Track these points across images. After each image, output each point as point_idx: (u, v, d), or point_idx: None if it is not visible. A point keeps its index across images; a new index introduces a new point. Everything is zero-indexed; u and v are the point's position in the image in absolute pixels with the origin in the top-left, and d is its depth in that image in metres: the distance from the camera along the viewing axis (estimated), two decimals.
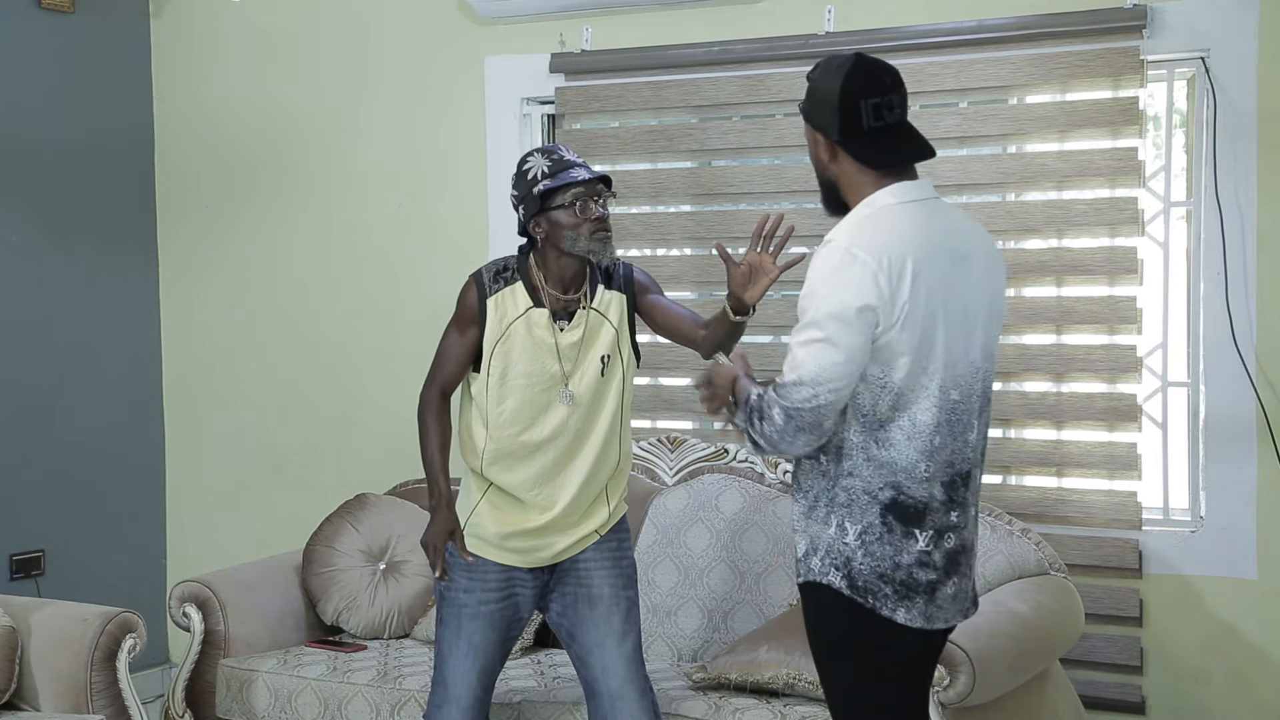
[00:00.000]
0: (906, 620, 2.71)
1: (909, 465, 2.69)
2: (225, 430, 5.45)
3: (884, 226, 2.69)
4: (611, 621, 3.48)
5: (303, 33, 5.26)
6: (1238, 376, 4.12)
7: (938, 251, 2.71)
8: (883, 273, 2.63)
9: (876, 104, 2.73)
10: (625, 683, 3.45)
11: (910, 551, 2.71)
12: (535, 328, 3.39)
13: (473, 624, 3.46)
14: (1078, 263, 4.27)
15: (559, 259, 3.38)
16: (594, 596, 3.48)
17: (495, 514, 3.46)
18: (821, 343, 2.63)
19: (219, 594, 4.26)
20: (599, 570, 3.50)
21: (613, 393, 3.45)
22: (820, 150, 2.80)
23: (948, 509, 2.75)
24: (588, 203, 3.34)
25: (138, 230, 5.46)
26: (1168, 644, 4.23)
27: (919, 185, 2.78)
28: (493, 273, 3.44)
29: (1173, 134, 4.30)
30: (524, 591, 3.51)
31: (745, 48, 4.59)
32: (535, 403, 3.40)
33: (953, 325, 2.71)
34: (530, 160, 3.40)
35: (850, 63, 2.76)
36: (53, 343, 5.15)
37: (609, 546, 3.53)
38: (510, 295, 3.41)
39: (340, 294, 5.23)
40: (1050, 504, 4.32)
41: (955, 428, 2.73)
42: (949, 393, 2.71)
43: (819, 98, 2.77)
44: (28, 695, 3.79)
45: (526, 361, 3.39)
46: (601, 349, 3.43)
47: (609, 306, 3.45)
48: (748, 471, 4.40)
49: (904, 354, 2.66)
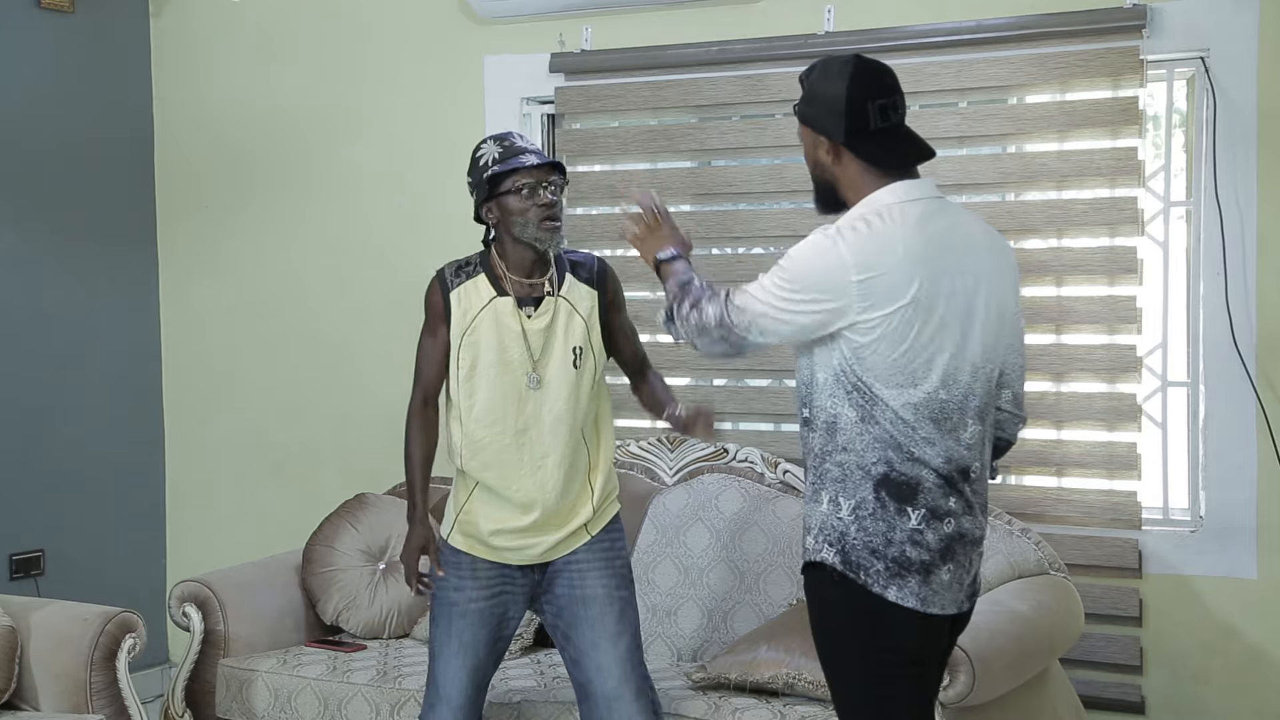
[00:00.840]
0: (898, 599, 2.71)
1: (898, 444, 2.71)
2: (225, 430, 5.45)
3: (883, 224, 2.70)
4: (605, 622, 3.47)
5: (303, 33, 5.26)
6: (1238, 376, 4.12)
7: (935, 250, 2.72)
8: (880, 264, 2.65)
9: (883, 105, 2.75)
10: (620, 683, 3.44)
11: (902, 529, 2.71)
12: (501, 315, 3.41)
13: (463, 622, 3.46)
14: (1077, 262, 4.27)
15: (515, 245, 3.41)
16: (587, 597, 3.48)
17: (483, 511, 3.46)
18: (782, 299, 2.74)
19: (219, 594, 4.26)
20: (592, 571, 3.49)
21: (585, 384, 3.46)
22: (821, 152, 2.81)
23: (945, 494, 2.74)
24: (536, 189, 3.36)
25: (138, 230, 5.46)
26: (1167, 644, 4.23)
27: (921, 184, 2.79)
28: (454, 269, 3.47)
29: (1172, 134, 4.31)
30: (515, 590, 3.51)
31: (744, 47, 4.59)
32: (506, 393, 3.41)
33: (947, 324, 2.72)
34: (483, 147, 3.44)
35: (853, 65, 2.76)
36: (53, 343, 5.16)
37: (601, 546, 3.52)
38: (474, 287, 3.43)
39: (340, 294, 5.23)
40: (1050, 504, 4.32)
41: (943, 425, 2.73)
42: (938, 391, 2.72)
43: (821, 101, 2.77)
44: (28, 695, 3.79)
45: (494, 349, 3.40)
46: (573, 340, 3.44)
47: (579, 298, 3.47)
48: (748, 471, 4.41)
49: (892, 345, 2.68)
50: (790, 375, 4.62)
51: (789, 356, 4.54)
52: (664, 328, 2.99)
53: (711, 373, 4.74)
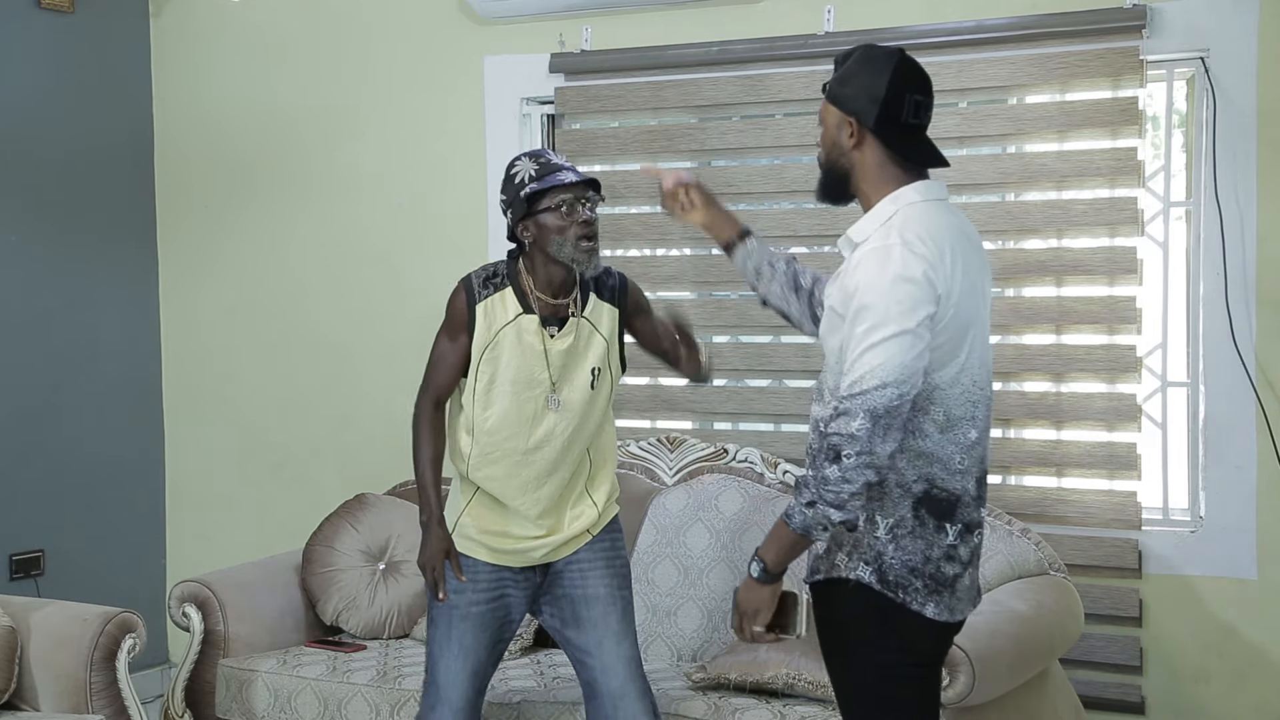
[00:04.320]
0: (935, 614, 2.70)
1: (945, 457, 2.68)
2: (225, 430, 5.45)
3: (924, 220, 2.68)
4: (609, 621, 3.47)
5: (302, 33, 5.26)
6: (1238, 376, 4.12)
7: (967, 248, 2.72)
8: (940, 262, 2.62)
9: (919, 101, 2.74)
10: (626, 682, 3.45)
11: (940, 545, 2.70)
12: (525, 334, 3.37)
13: (463, 625, 3.45)
14: (1077, 263, 4.27)
15: (547, 264, 3.36)
16: (590, 597, 3.48)
17: (484, 515, 3.46)
18: (895, 338, 2.57)
19: (219, 594, 4.26)
20: (593, 571, 3.50)
21: (600, 403, 3.45)
22: (844, 135, 2.75)
23: (977, 504, 2.75)
24: (575, 206, 3.31)
25: (138, 230, 5.46)
26: (1167, 644, 4.24)
27: (939, 185, 2.79)
28: (482, 278, 3.42)
29: (1172, 134, 4.30)
30: (515, 593, 3.50)
31: (745, 48, 4.58)
32: (522, 410, 3.39)
33: (980, 321, 2.73)
34: (518, 164, 3.39)
35: (899, 56, 2.74)
36: (53, 343, 5.16)
37: (602, 547, 3.52)
38: (500, 301, 3.39)
39: (340, 294, 5.23)
40: (1050, 504, 4.32)
41: (983, 423, 2.73)
42: (983, 388, 2.72)
43: (860, 82, 2.73)
44: (27, 695, 3.79)
45: (514, 368, 3.37)
46: (593, 361, 3.42)
47: (601, 317, 3.44)
48: (747, 471, 4.41)
49: (945, 345, 2.65)
50: (790, 375, 4.63)
51: (789, 356, 4.59)
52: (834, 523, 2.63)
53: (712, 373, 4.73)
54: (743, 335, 4.70)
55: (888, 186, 2.73)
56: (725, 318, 4.68)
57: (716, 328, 4.71)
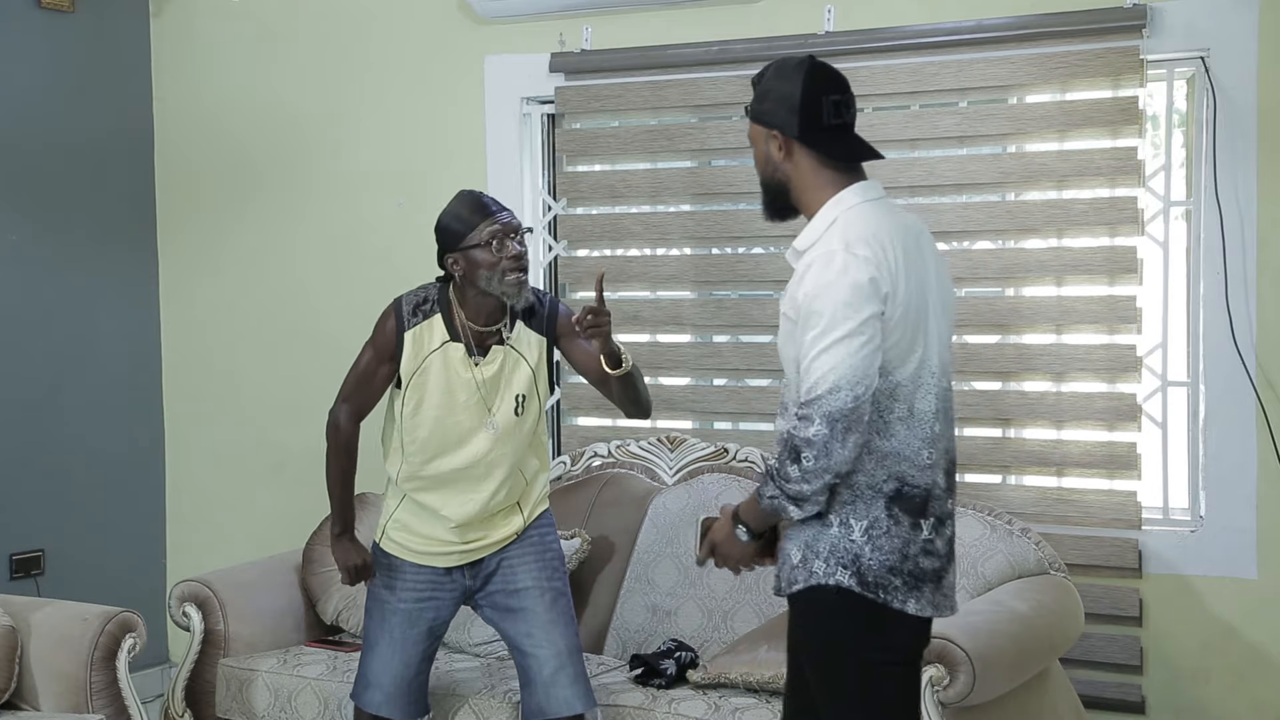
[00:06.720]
0: (918, 610, 2.73)
1: (912, 454, 2.72)
2: (225, 430, 5.45)
3: (865, 221, 2.72)
4: (537, 611, 3.58)
5: (303, 32, 5.26)
6: (1238, 376, 4.12)
7: (910, 244, 2.76)
8: (884, 261, 2.67)
9: (837, 101, 2.79)
10: (557, 670, 3.55)
11: (916, 542, 2.73)
12: (451, 361, 3.49)
13: (394, 619, 3.62)
14: (1077, 262, 4.27)
15: (476, 296, 3.46)
16: (519, 589, 3.60)
17: (411, 521, 3.61)
18: (844, 340, 2.61)
19: (219, 594, 4.26)
20: (522, 564, 3.62)
21: (526, 428, 3.56)
22: (773, 150, 2.82)
23: (947, 496, 2.79)
24: (504, 240, 3.40)
25: (138, 230, 5.46)
26: (1167, 643, 4.23)
27: (875, 185, 2.83)
28: (413, 305, 3.53)
29: (1172, 134, 4.30)
30: (443, 595, 3.64)
31: (744, 47, 4.58)
32: (447, 434, 3.51)
33: (935, 315, 2.78)
34: (451, 202, 3.50)
35: (808, 62, 2.81)
36: (52, 342, 5.16)
37: (531, 541, 3.64)
38: (428, 329, 3.51)
39: (340, 294, 5.23)
40: (1050, 503, 4.32)
41: (948, 415, 2.79)
42: (941, 380, 2.77)
43: (776, 96, 2.80)
44: (27, 695, 3.79)
45: (439, 394, 3.49)
46: (517, 388, 3.53)
47: (528, 345, 3.53)
48: (747, 471, 4.40)
49: (900, 342, 2.69)
50: None
51: None
52: (794, 514, 2.72)
53: (711, 372, 4.74)
54: (743, 335, 4.70)
55: (826, 192, 2.78)
56: (725, 318, 4.68)
57: (716, 328, 4.71)
